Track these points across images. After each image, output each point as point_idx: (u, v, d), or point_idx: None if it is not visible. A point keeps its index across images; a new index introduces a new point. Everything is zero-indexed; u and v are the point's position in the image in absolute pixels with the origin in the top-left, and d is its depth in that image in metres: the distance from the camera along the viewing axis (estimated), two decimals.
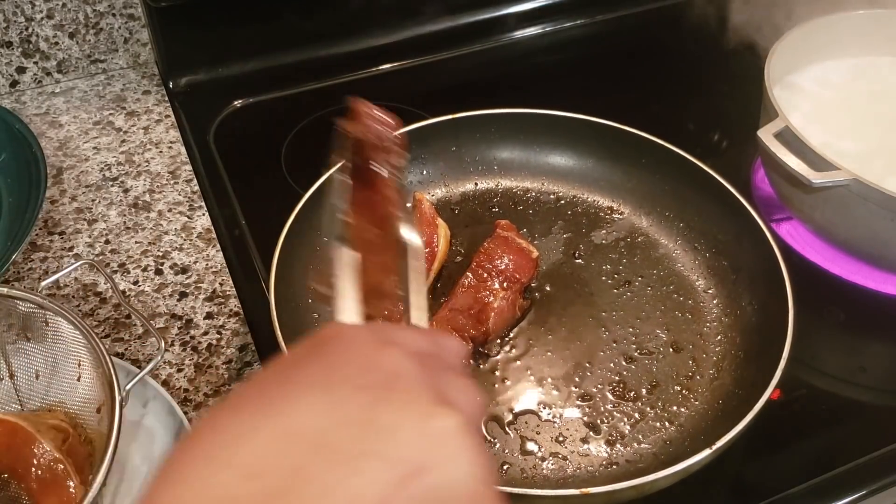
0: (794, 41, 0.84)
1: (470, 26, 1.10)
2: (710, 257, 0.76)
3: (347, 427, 0.29)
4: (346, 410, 0.29)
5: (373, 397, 0.30)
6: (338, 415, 0.29)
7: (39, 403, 0.61)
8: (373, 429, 0.29)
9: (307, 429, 0.29)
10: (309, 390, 0.30)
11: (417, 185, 0.82)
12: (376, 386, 0.30)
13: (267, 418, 0.29)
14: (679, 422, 0.65)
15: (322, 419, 0.29)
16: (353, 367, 0.31)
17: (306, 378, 0.31)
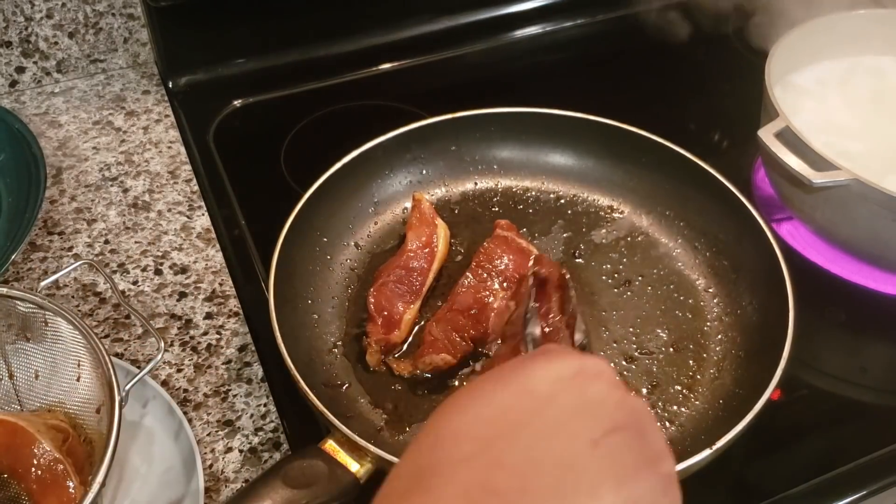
0: (794, 41, 0.84)
1: (470, 26, 1.10)
2: (710, 257, 0.76)
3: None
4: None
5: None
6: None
7: (39, 403, 0.61)
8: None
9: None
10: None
11: (417, 184, 0.82)
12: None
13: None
14: (679, 421, 0.65)
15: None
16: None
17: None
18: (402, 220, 0.80)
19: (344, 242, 0.77)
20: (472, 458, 0.32)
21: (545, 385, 0.35)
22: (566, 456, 0.33)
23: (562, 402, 0.35)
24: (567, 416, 0.34)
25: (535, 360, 0.37)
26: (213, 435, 0.66)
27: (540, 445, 0.33)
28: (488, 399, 0.35)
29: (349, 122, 0.97)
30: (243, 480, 0.63)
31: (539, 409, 0.34)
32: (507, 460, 0.32)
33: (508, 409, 0.34)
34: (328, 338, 0.70)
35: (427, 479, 0.33)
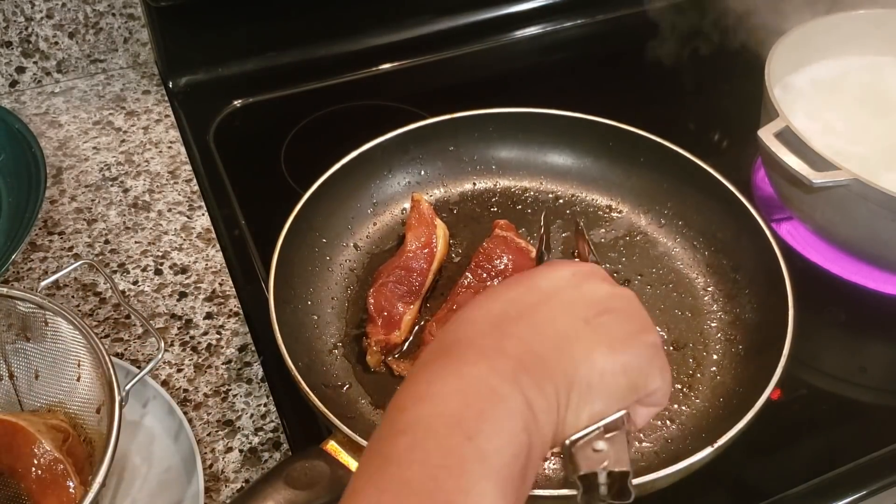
0: (794, 41, 0.84)
1: (470, 26, 1.10)
2: (709, 255, 0.76)
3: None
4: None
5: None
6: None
7: (39, 403, 0.61)
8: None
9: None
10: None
11: (416, 185, 0.82)
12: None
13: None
14: (680, 420, 0.65)
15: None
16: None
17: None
18: (401, 220, 0.80)
19: (343, 243, 0.77)
20: (487, 334, 0.40)
21: (547, 283, 0.43)
22: (564, 329, 0.40)
23: (561, 294, 0.42)
24: (565, 303, 0.41)
25: (539, 268, 0.45)
26: (213, 435, 0.66)
27: (542, 322, 0.40)
28: (499, 295, 0.42)
29: (349, 122, 0.97)
30: (243, 480, 0.63)
31: (541, 300, 0.41)
32: (515, 332, 0.39)
33: (515, 300, 0.41)
34: (328, 339, 0.70)
35: (450, 348, 0.40)
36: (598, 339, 0.40)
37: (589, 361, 0.39)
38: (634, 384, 0.41)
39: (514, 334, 0.39)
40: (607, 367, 0.40)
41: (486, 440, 0.35)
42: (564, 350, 0.39)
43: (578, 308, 0.41)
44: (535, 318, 0.40)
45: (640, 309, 0.44)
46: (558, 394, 0.38)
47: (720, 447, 0.57)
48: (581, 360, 0.39)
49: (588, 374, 0.39)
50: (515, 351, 0.38)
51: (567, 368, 0.39)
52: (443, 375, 0.38)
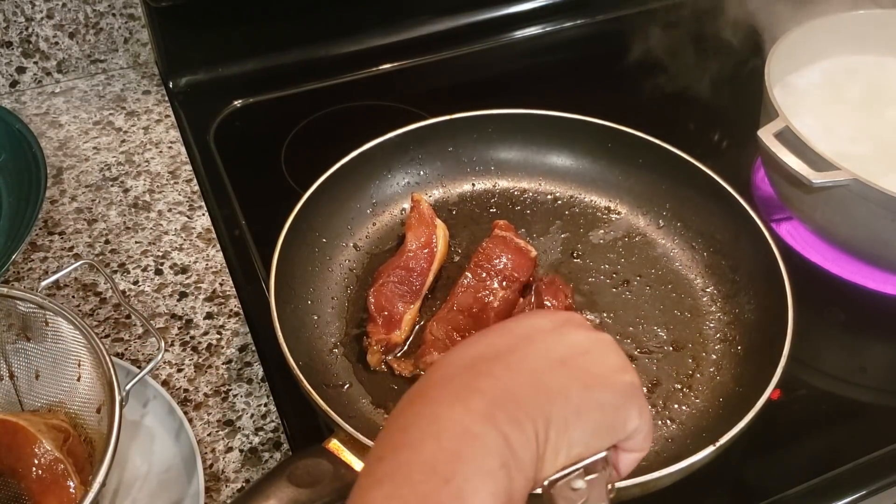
0: (794, 41, 0.84)
1: (470, 26, 1.10)
2: (707, 256, 0.76)
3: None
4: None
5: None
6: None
7: (39, 403, 0.61)
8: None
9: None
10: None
11: (415, 185, 0.82)
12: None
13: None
14: (681, 420, 0.65)
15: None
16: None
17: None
18: (401, 220, 0.80)
19: (343, 243, 0.77)
20: (461, 375, 0.40)
21: (524, 328, 0.43)
22: (540, 368, 0.40)
23: (538, 337, 0.42)
24: (542, 346, 0.42)
25: (518, 315, 0.46)
26: (213, 435, 0.66)
27: (517, 362, 0.40)
28: (476, 340, 0.43)
29: (349, 122, 0.97)
30: (244, 480, 0.63)
31: (518, 343, 0.41)
32: (489, 371, 0.40)
33: (492, 344, 0.42)
34: (328, 338, 0.70)
35: (426, 392, 0.40)
36: (575, 376, 0.40)
37: (564, 398, 0.39)
38: (612, 424, 0.41)
39: (489, 373, 0.39)
40: (583, 404, 0.39)
41: (463, 481, 0.35)
42: (540, 387, 0.39)
43: (555, 350, 0.41)
44: (510, 358, 0.40)
45: (618, 351, 0.43)
46: (536, 429, 0.38)
47: (721, 446, 0.57)
48: (556, 397, 0.39)
49: (563, 410, 0.39)
50: (490, 389, 0.38)
51: (543, 404, 0.38)
52: (417, 420, 0.38)
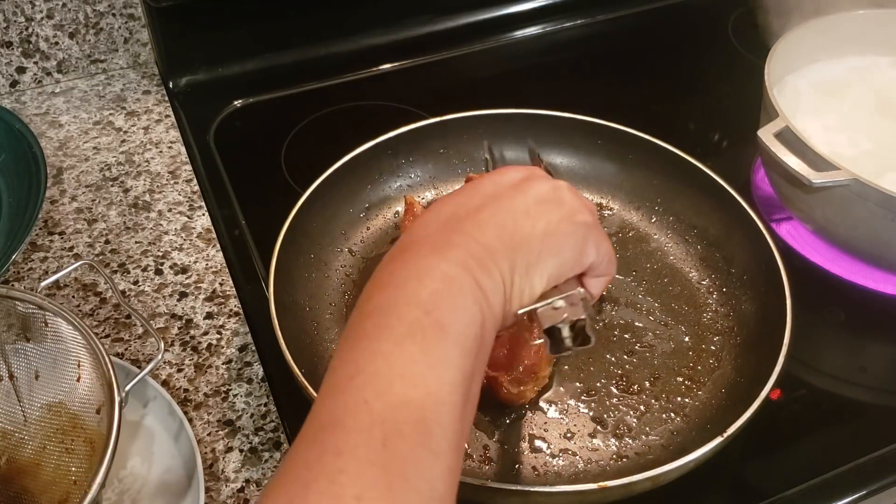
0: (794, 41, 0.84)
1: (470, 26, 1.10)
2: (702, 249, 0.77)
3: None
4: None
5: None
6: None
7: (39, 403, 0.61)
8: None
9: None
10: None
11: (407, 188, 0.82)
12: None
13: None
14: (685, 412, 0.65)
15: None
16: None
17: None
18: (395, 224, 0.80)
19: (338, 249, 0.77)
20: (438, 232, 0.45)
21: (491, 187, 0.48)
22: (505, 221, 0.46)
23: (503, 195, 0.47)
24: (506, 202, 0.47)
25: (486, 175, 0.51)
26: (213, 435, 0.66)
27: (485, 219, 0.46)
28: (449, 200, 0.48)
29: (349, 122, 0.97)
30: (243, 480, 0.63)
31: (485, 201, 0.47)
32: (461, 229, 0.45)
33: (463, 204, 0.47)
34: (329, 344, 0.70)
35: (407, 247, 0.45)
36: (535, 224, 0.46)
37: (527, 247, 0.45)
38: (572, 259, 0.48)
39: (461, 230, 0.45)
40: (544, 250, 0.46)
41: (441, 314, 0.41)
42: (505, 239, 0.45)
43: (518, 203, 0.47)
44: (479, 216, 0.46)
45: (574, 194, 0.50)
46: (503, 275, 0.44)
47: (729, 436, 0.57)
48: (519, 246, 0.45)
49: (526, 258, 0.45)
50: (462, 243, 0.44)
51: (508, 254, 0.45)
52: (400, 268, 0.44)
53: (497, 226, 0.46)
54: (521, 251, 0.45)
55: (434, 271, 0.42)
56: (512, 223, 0.46)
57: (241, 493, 0.62)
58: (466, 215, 0.46)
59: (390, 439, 0.36)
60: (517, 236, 0.46)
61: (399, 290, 0.42)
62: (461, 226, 0.45)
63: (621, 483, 0.54)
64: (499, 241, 0.45)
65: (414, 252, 0.44)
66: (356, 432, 0.36)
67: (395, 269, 0.44)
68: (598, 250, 0.50)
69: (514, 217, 0.46)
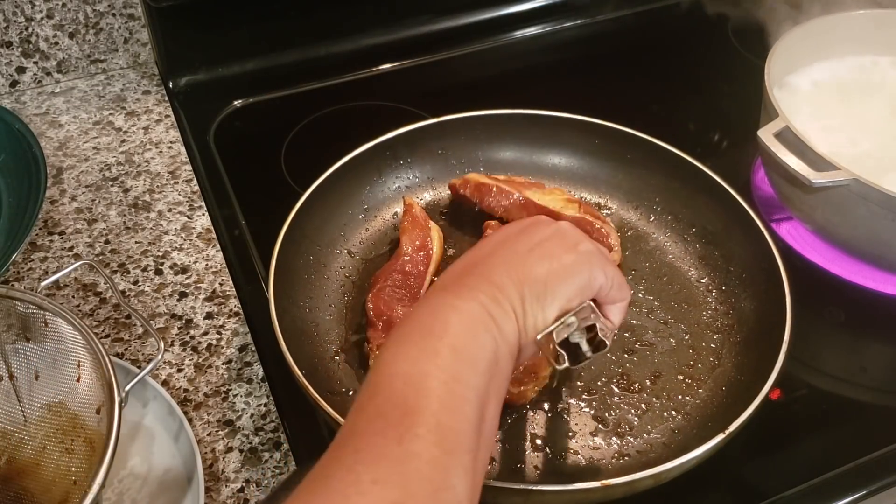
0: (794, 41, 0.84)
1: (470, 26, 1.10)
2: (700, 248, 0.77)
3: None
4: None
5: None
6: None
7: (39, 403, 0.61)
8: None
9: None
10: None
11: (406, 189, 0.82)
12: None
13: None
14: (685, 410, 0.65)
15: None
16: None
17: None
18: (393, 225, 0.80)
19: (337, 250, 0.77)
20: (452, 280, 0.49)
21: (499, 237, 0.53)
22: (512, 261, 0.50)
23: (510, 240, 0.52)
24: (513, 245, 0.51)
25: (495, 230, 0.56)
26: (213, 435, 0.66)
27: (494, 262, 0.50)
28: (464, 257, 0.52)
29: (349, 122, 0.97)
30: (243, 480, 0.63)
31: (494, 249, 0.51)
32: (473, 272, 0.49)
33: (475, 255, 0.52)
34: (329, 346, 0.69)
35: (424, 299, 0.49)
36: (542, 257, 0.50)
37: (533, 278, 0.49)
38: (581, 285, 0.51)
39: (472, 273, 0.49)
40: (550, 279, 0.50)
41: (453, 338, 0.44)
42: (513, 274, 0.49)
43: (523, 245, 0.51)
44: (489, 260, 0.50)
45: (576, 231, 0.54)
46: (514, 306, 0.48)
47: (731, 434, 0.57)
48: (527, 278, 0.49)
49: (534, 288, 0.49)
50: (474, 284, 0.48)
51: (517, 286, 0.48)
52: (419, 308, 0.47)
53: (505, 265, 0.49)
54: (529, 283, 0.49)
55: (447, 306, 0.46)
56: (519, 261, 0.50)
57: (241, 493, 0.62)
58: (478, 262, 0.50)
59: (405, 439, 0.39)
60: (524, 271, 0.49)
61: (415, 325, 0.46)
62: (473, 270, 0.49)
63: (624, 481, 0.54)
64: (507, 278, 0.48)
65: (431, 296, 0.48)
66: (373, 435, 0.40)
67: (413, 311, 0.48)
68: (605, 274, 0.53)
69: (520, 256, 0.50)
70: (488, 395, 0.44)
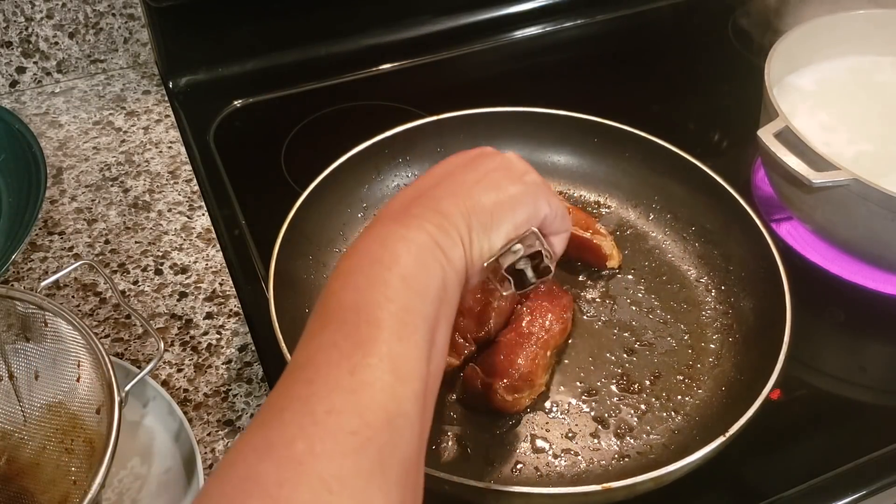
0: (794, 41, 0.84)
1: (470, 26, 1.10)
2: (699, 247, 0.77)
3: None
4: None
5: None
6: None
7: (39, 403, 0.61)
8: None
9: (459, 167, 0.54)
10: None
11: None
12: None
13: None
14: (685, 411, 0.65)
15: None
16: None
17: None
18: None
19: (336, 249, 0.77)
20: (398, 210, 0.49)
21: (444, 168, 0.53)
22: (458, 191, 0.50)
23: (456, 172, 0.52)
24: (459, 177, 0.52)
25: (441, 162, 0.55)
26: (213, 435, 0.66)
27: (441, 192, 0.50)
28: (408, 187, 0.52)
29: (349, 122, 0.97)
30: None
31: (440, 181, 0.52)
32: (419, 202, 0.49)
33: (419, 187, 0.51)
34: None
35: (371, 227, 0.49)
36: (488, 188, 0.51)
37: (480, 208, 0.50)
38: (527, 213, 0.52)
39: (420, 204, 0.49)
40: (496, 209, 0.50)
41: (402, 268, 0.44)
42: (459, 204, 0.49)
43: (470, 176, 0.52)
44: (435, 192, 0.50)
45: (521, 162, 0.54)
46: (461, 234, 0.48)
47: (731, 436, 0.57)
48: (473, 208, 0.49)
49: (480, 217, 0.49)
50: (421, 213, 0.48)
51: (463, 215, 0.49)
52: (365, 238, 0.48)
53: (452, 195, 0.50)
54: (476, 213, 0.49)
55: (394, 235, 0.47)
56: (465, 192, 0.50)
57: None
58: (424, 193, 0.51)
59: (357, 369, 0.40)
60: (470, 201, 0.50)
61: (363, 255, 0.46)
62: (419, 201, 0.50)
63: (625, 484, 0.54)
64: (454, 208, 0.49)
65: (378, 226, 0.48)
66: (325, 366, 0.40)
67: (360, 240, 0.48)
68: (549, 204, 0.54)
69: (467, 187, 0.51)
70: (437, 322, 0.45)
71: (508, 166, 0.53)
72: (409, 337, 0.42)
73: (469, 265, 0.49)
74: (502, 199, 0.51)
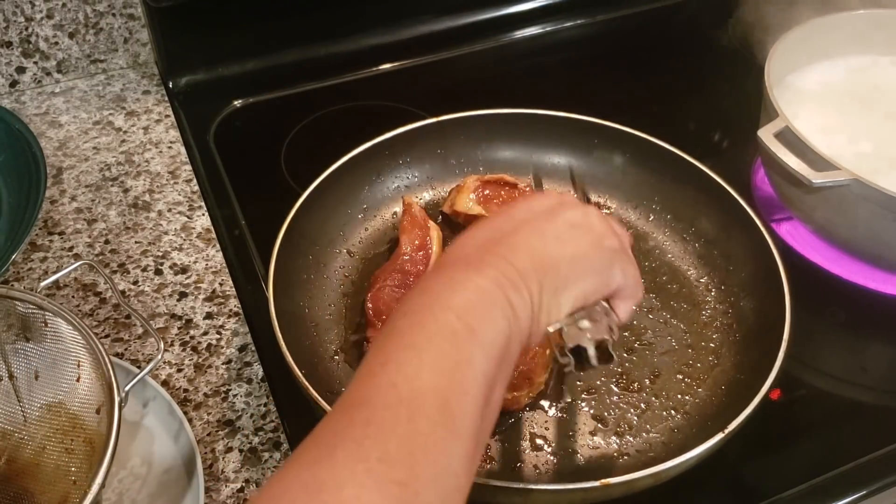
0: (794, 41, 0.84)
1: (470, 26, 1.10)
2: (699, 247, 0.77)
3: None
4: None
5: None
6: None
7: (39, 403, 0.61)
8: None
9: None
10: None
11: (405, 189, 0.82)
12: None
13: None
14: (685, 409, 0.66)
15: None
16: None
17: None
18: (392, 224, 0.80)
19: (336, 250, 0.77)
20: (473, 254, 0.48)
21: (524, 213, 0.51)
22: (537, 244, 0.49)
23: (535, 221, 0.50)
24: (538, 227, 0.50)
25: (519, 201, 0.54)
26: (213, 435, 0.66)
27: (518, 243, 0.48)
28: (485, 225, 0.51)
29: (349, 122, 0.97)
30: (243, 480, 0.63)
31: (518, 227, 0.50)
32: (495, 251, 0.48)
33: (497, 229, 0.50)
34: (329, 345, 0.70)
35: (444, 265, 0.48)
36: (564, 248, 0.49)
37: (555, 270, 0.48)
38: (599, 283, 0.51)
39: (495, 252, 0.47)
40: (571, 273, 0.49)
41: (472, 320, 0.43)
42: (536, 260, 0.48)
43: (549, 229, 0.50)
44: (512, 239, 0.48)
45: (603, 220, 0.53)
46: (532, 295, 0.47)
47: (730, 433, 0.57)
48: (549, 269, 0.48)
49: (554, 281, 0.48)
50: (495, 262, 0.47)
51: (538, 275, 0.47)
52: (437, 279, 0.46)
53: (528, 249, 0.48)
54: (550, 273, 0.48)
55: (468, 283, 0.45)
56: (542, 247, 0.49)
57: (241, 493, 0.62)
58: (500, 238, 0.49)
59: (415, 417, 0.39)
60: (547, 259, 0.48)
61: (434, 297, 0.45)
62: (495, 248, 0.48)
63: (623, 480, 0.55)
64: (529, 263, 0.47)
65: (450, 268, 0.47)
66: (383, 408, 0.39)
67: (431, 281, 0.47)
68: (624, 274, 0.52)
69: (545, 241, 0.49)
70: (496, 381, 0.44)
71: (590, 225, 0.51)
72: (468, 391, 0.41)
73: (533, 326, 0.48)
74: (578, 264, 0.49)
